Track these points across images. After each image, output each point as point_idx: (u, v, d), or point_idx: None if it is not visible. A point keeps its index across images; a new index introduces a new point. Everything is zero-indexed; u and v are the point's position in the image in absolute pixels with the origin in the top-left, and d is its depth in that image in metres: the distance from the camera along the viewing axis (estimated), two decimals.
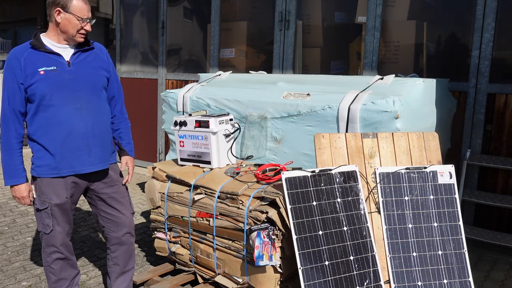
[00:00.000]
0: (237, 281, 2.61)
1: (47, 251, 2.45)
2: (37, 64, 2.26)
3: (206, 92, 3.46)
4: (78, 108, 2.33)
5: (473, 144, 3.90)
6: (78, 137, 2.33)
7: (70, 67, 2.32)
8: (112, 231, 2.60)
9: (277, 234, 2.33)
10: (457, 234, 2.34)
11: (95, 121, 2.40)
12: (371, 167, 2.44)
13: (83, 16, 2.28)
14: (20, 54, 2.27)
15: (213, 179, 2.76)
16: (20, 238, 3.90)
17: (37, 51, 2.28)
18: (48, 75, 2.26)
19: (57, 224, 2.40)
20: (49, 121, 2.29)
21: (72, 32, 2.28)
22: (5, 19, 9.37)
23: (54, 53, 2.30)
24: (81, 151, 2.35)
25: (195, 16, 6.19)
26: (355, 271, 2.21)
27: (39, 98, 2.26)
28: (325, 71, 4.94)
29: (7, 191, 5.31)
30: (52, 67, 2.27)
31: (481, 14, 3.79)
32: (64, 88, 2.29)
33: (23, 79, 2.24)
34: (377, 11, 4.29)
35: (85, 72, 2.37)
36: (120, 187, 2.60)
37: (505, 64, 3.87)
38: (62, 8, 2.23)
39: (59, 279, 2.50)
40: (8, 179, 2.33)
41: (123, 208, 2.60)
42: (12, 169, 2.31)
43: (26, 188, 2.35)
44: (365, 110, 2.65)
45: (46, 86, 2.25)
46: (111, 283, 2.71)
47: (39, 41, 2.30)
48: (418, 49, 4.39)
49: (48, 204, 2.36)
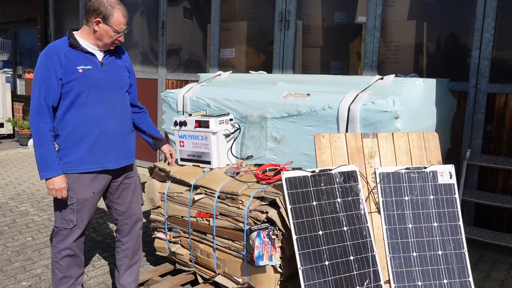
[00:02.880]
0: (237, 281, 2.61)
1: (58, 247, 2.47)
2: (76, 62, 2.32)
3: (206, 92, 3.45)
4: (112, 107, 2.44)
5: (473, 144, 3.90)
6: (110, 135, 2.43)
7: (102, 67, 2.42)
8: (125, 223, 2.69)
9: (277, 234, 2.33)
10: (457, 234, 2.35)
11: (125, 120, 2.54)
12: (371, 167, 2.44)
13: (120, 29, 2.38)
14: (60, 50, 2.31)
15: (213, 179, 2.76)
16: (20, 238, 3.90)
17: (75, 50, 2.34)
18: (86, 73, 2.34)
19: (80, 220, 2.45)
20: (83, 118, 2.35)
21: (106, 41, 2.38)
22: (5, 19, 9.36)
23: (89, 53, 2.38)
24: (111, 148, 2.45)
25: (195, 16, 6.19)
26: (355, 271, 2.21)
27: (74, 95, 2.32)
28: (325, 71, 4.93)
29: (7, 191, 5.32)
30: (89, 66, 2.36)
31: (481, 14, 3.79)
32: (99, 87, 2.38)
33: (62, 75, 2.28)
34: (377, 11, 4.29)
35: (115, 72, 2.48)
36: (136, 180, 2.71)
37: (505, 64, 3.87)
38: (102, 19, 2.32)
39: (65, 276, 2.53)
40: (46, 172, 2.31)
41: (135, 200, 2.70)
42: (50, 161, 2.31)
43: (63, 179, 2.36)
44: (365, 110, 2.65)
45: (84, 84, 2.32)
46: (120, 276, 2.77)
47: (75, 40, 2.36)
48: (418, 49, 4.39)
49: (75, 199, 2.41)
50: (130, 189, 2.66)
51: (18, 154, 7.61)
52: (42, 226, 4.19)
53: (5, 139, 9.04)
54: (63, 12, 7.98)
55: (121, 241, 2.75)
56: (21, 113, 9.31)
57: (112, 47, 2.44)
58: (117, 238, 2.77)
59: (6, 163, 6.90)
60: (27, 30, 9.15)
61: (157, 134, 2.85)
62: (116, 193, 2.63)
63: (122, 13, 2.35)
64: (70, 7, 7.74)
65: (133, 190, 2.68)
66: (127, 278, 2.78)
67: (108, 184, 2.57)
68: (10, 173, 6.21)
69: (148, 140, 2.84)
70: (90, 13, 2.33)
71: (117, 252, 2.78)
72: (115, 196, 2.63)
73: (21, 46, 9.54)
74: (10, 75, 9.71)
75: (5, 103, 8.98)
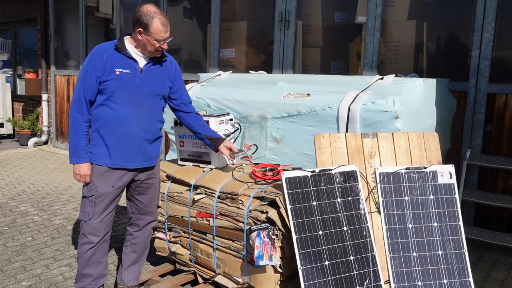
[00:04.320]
0: (237, 281, 2.61)
1: (80, 241, 2.61)
2: (116, 64, 2.48)
3: (206, 92, 3.45)
4: (139, 112, 2.55)
5: (473, 144, 3.90)
6: (132, 137, 2.55)
7: (141, 73, 2.54)
8: (140, 218, 2.79)
9: (277, 234, 2.33)
10: (457, 234, 2.34)
11: (150, 126, 2.61)
12: (371, 167, 2.44)
13: (161, 38, 2.46)
14: (104, 52, 2.49)
15: (213, 179, 2.76)
16: (20, 238, 3.90)
17: (119, 53, 2.50)
18: (122, 76, 2.48)
19: (97, 214, 2.56)
20: (112, 115, 2.50)
21: (150, 49, 2.50)
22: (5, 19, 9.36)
23: (132, 58, 2.52)
24: (131, 149, 2.56)
25: (195, 16, 6.19)
26: (355, 271, 2.21)
27: (108, 94, 2.48)
28: (325, 71, 4.93)
29: (7, 191, 5.32)
30: (127, 70, 2.50)
31: (481, 14, 3.79)
32: (132, 91, 2.51)
33: (100, 73, 2.46)
34: (377, 11, 4.29)
35: (152, 81, 2.58)
36: (157, 181, 2.80)
37: (505, 64, 3.87)
38: (143, 29, 2.43)
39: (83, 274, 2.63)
40: (75, 158, 2.52)
41: (153, 200, 2.80)
42: (80, 149, 2.51)
43: (89, 167, 2.55)
44: (365, 110, 2.65)
45: (118, 85, 2.47)
46: (123, 271, 2.86)
47: (122, 45, 2.52)
48: (418, 49, 4.39)
49: (94, 192, 2.54)
50: (151, 188, 2.76)
51: (18, 154, 7.62)
52: (42, 226, 4.19)
53: (5, 139, 9.03)
54: (63, 12, 7.98)
55: (133, 234, 2.82)
56: (21, 113, 9.31)
57: (157, 54, 2.54)
58: (129, 231, 2.84)
59: (6, 163, 6.90)
60: (27, 30, 9.15)
61: (212, 134, 2.81)
62: (138, 190, 2.73)
63: (161, 22, 2.44)
64: (70, 7, 7.75)
65: (153, 190, 2.78)
66: (129, 274, 2.84)
67: (130, 181, 2.68)
68: (10, 173, 6.21)
69: (206, 141, 2.81)
70: (134, 23, 2.47)
71: (126, 246, 2.86)
72: (136, 193, 2.74)
73: (21, 46, 9.54)
74: (10, 75, 9.71)
75: (5, 103, 8.99)
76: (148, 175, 2.72)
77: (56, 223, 4.27)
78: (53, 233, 4.02)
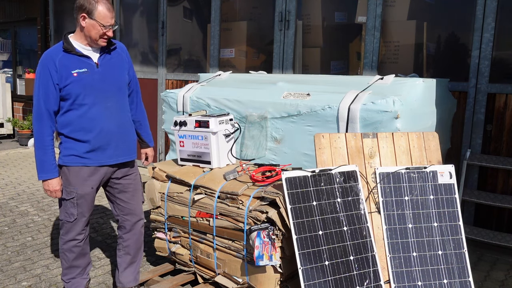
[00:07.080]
0: (237, 281, 2.61)
1: (64, 238, 2.61)
2: (70, 66, 2.42)
3: (206, 92, 3.45)
4: (108, 107, 2.52)
5: (473, 144, 3.90)
6: (107, 134, 2.52)
7: (98, 68, 2.50)
8: (126, 219, 2.76)
9: (277, 234, 2.33)
10: (457, 234, 2.34)
11: (122, 119, 2.60)
12: (371, 167, 2.44)
13: (106, 23, 2.41)
14: (54, 57, 2.42)
15: (213, 179, 2.76)
16: (20, 238, 3.90)
17: (69, 54, 2.44)
18: (81, 76, 2.43)
19: (81, 213, 2.57)
20: (81, 118, 2.46)
21: (95, 37, 2.43)
22: (5, 19, 9.36)
23: (84, 56, 2.47)
24: (108, 146, 2.54)
25: (195, 16, 6.19)
26: (355, 271, 2.21)
27: (73, 98, 2.43)
28: (325, 71, 4.93)
29: (7, 191, 5.32)
30: (84, 69, 2.45)
31: (481, 14, 3.79)
32: (95, 88, 2.47)
33: (58, 80, 2.40)
34: (377, 11, 4.29)
35: (111, 72, 2.55)
36: (137, 177, 2.79)
37: (505, 64, 3.87)
38: (87, 14, 2.38)
39: (72, 266, 2.66)
40: (42, 174, 2.48)
41: (136, 198, 2.78)
42: (46, 164, 2.46)
43: (58, 182, 2.52)
44: (365, 110, 2.65)
45: (79, 87, 2.43)
46: (120, 274, 2.83)
47: (70, 45, 2.45)
48: (418, 49, 4.39)
49: (74, 194, 2.53)
50: (131, 185, 2.74)
51: (18, 154, 7.61)
52: (42, 226, 4.19)
53: (5, 139, 9.03)
54: (63, 12, 7.98)
55: (123, 237, 2.80)
56: (21, 113, 9.31)
57: (103, 43, 2.48)
58: (119, 235, 2.82)
59: (6, 163, 6.90)
60: (27, 30, 9.14)
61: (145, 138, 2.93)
62: (117, 188, 2.71)
63: (106, 7, 2.40)
64: (70, 7, 7.74)
65: (134, 187, 2.75)
66: (127, 276, 2.82)
67: (108, 179, 2.66)
68: (10, 173, 6.21)
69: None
70: (76, 10, 2.40)
71: (119, 249, 2.83)
72: (116, 191, 2.71)
73: (21, 46, 9.54)
74: (10, 75, 9.71)
75: (5, 103, 8.98)
76: (125, 172, 2.70)
77: (56, 223, 4.27)
78: (53, 233, 4.01)
